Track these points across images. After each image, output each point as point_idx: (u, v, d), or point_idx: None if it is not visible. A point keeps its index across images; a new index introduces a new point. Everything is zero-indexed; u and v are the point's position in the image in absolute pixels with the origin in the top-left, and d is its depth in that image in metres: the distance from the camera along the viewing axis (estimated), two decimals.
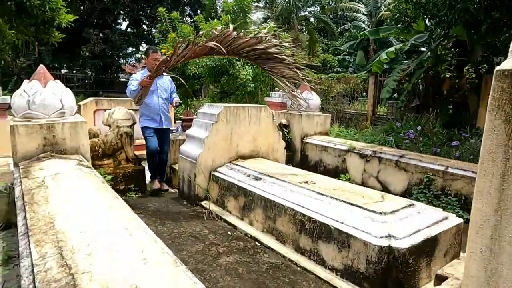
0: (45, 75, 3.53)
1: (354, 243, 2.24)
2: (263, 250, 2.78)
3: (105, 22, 19.19)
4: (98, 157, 3.97)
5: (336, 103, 12.58)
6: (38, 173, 2.86)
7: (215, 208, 3.61)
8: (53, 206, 2.14)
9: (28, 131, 3.24)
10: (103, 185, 2.62)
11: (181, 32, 12.51)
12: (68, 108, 3.57)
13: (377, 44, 17.52)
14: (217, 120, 3.77)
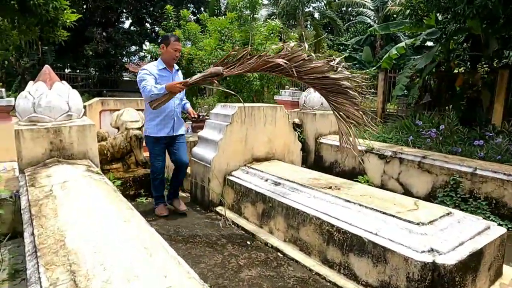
0: (50, 76, 3.35)
1: (392, 258, 2.04)
2: (287, 262, 2.59)
3: (108, 20, 19.02)
4: (106, 161, 3.79)
5: None
6: (45, 180, 2.68)
7: (231, 214, 3.42)
8: (63, 220, 1.95)
9: (33, 136, 3.06)
10: (115, 194, 2.43)
11: (187, 29, 12.33)
12: (75, 110, 3.39)
13: (384, 39, 17.22)
14: (231, 121, 3.57)
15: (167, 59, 3.24)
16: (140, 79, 3.12)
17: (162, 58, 3.27)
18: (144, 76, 3.11)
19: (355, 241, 2.25)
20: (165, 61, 3.26)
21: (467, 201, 3.61)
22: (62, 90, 3.31)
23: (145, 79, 3.08)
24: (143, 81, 3.07)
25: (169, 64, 3.28)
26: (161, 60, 3.28)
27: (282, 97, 7.15)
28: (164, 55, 3.25)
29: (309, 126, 5.36)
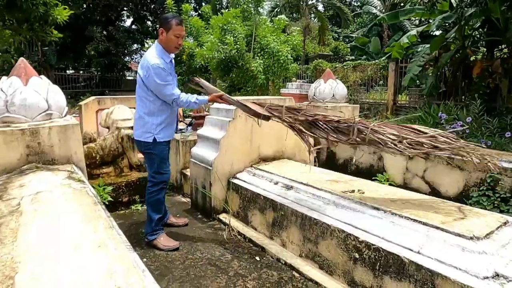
0: (26, 71, 2.92)
1: (444, 285, 1.59)
2: (305, 284, 2.15)
3: (108, 19, 18.68)
4: (96, 165, 3.38)
5: (352, 92, 11.85)
6: (16, 191, 2.26)
7: (237, 223, 2.98)
8: (21, 247, 1.53)
9: (6, 139, 2.63)
10: (94, 208, 2.00)
11: (190, 24, 11.91)
12: (56, 108, 2.97)
13: (391, 29, 16.61)
14: (234, 116, 3.13)
15: (168, 46, 2.55)
16: (163, 82, 2.49)
17: (162, 45, 2.56)
18: (165, 77, 2.49)
19: (392, 261, 1.80)
20: (167, 49, 2.57)
21: (508, 201, 3.14)
22: (40, 86, 2.89)
23: (169, 83, 2.53)
24: (168, 86, 2.52)
25: (171, 52, 2.63)
26: (162, 49, 2.56)
27: (289, 90, 6.69)
28: (164, 42, 2.54)
29: None
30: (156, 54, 2.52)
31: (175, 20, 2.52)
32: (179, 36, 2.53)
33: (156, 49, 2.55)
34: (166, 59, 2.55)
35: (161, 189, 2.72)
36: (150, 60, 2.47)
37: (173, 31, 2.49)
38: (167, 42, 2.54)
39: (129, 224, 3.14)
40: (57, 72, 18.40)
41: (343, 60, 17.54)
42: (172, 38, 2.51)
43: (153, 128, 2.62)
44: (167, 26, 2.50)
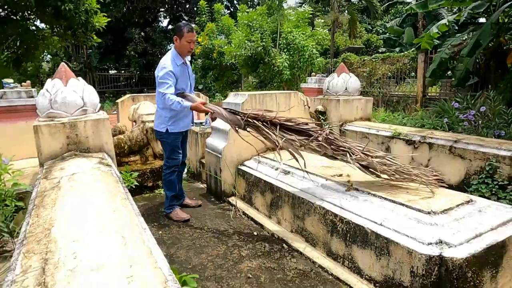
0: (66, 73, 3.47)
1: (395, 250, 1.85)
2: (291, 254, 2.47)
3: (146, 21, 19.72)
4: (124, 154, 3.89)
5: (381, 85, 11.73)
6: (57, 173, 2.78)
7: (242, 205, 3.35)
8: (58, 210, 2.00)
9: (51, 131, 3.19)
10: (115, 186, 2.45)
11: (221, 23, 12.41)
12: (91, 105, 3.49)
13: (427, 19, 16.04)
14: (241, 110, 3.48)
15: (181, 51, 2.99)
16: (162, 80, 2.89)
17: (177, 50, 2.99)
18: (166, 77, 2.88)
19: (358, 232, 2.08)
20: (180, 53, 3.00)
21: (505, 189, 3.21)
22: (77, 86, 3.42)
23: (167, 83, 2.89)
24: (165, 84, 2.89)
25: (184, 56, 3.05)
26: (177, 53, 3.00)
27: (308, 85, 6.91)
28: (178, 48, 2.98)
29: (333, 113, 5.10)
30: (169, 57, 2.97)
31: (186, 27, 2.94)
32: (191, 41, 2.96)
33: (171, 54, 3.00)
34: (177, 62, 2.98)
35: (172, 172, 3.19)
36: (162, 62, 2.92)
37: (185, 37, 2.92)
38: (180, 47, 2.97)
39: (152, 205, 3.62)
40: (100, 72, 19.80)
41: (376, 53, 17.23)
42: (184, 44, 2.95)
43: (166, 120, 3.07)
44: (180, 33, 2.93)
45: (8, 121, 4.39)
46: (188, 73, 3.15)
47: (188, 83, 3.15)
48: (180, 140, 3.24)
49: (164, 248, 2.63)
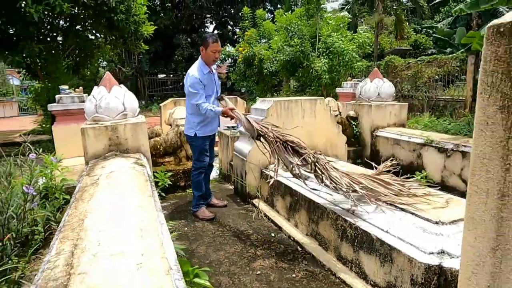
0: (110, 81, 3.86)
1: (397, 258, 1.87)
2: (303, 256, 2.56)
3: (192, 27, 20.61)
4: (160, 155, 4.21)
5: (427, 89, 11.20)
6: (98, 171, 3.13)
7: (265, 207, 3.49)
8: (93, 203, 2.29)
9: (95, 133, 3.58)
10: (145, 184, 2.72)
11: (263, 28, 12.66)
12: (130, 110, 3.85)
13: (483, 17, 14.96)
14: (266, 115, 3.63)
15: (207, 61, 3.21)
16: (193, 90, 3.14)
17: (203, 59, 3.22)
18: (197, 87, 3.13)
19: (365, 238, 2.12)
20: (206, 63, 3.22)
21: None
22: (119, 93, 3.79)
23: (197, 93, 3.14)
24: (197, 94, 3.14)
25: (210, 65, 3.26)
26: (203, 62, 3.23)
27: (343, 89, 6.86)
28: (204, 58, 3.20)
29: (365, 118, 5.06)
30: (197, 67, 3.20)
31: (211, 38, 3.17)
32: (215, 51, 3.18)
33: (198, 63, 3.24)
34: (204, 71, 3.21)
35: (200, 173, 3.42)
36: (190, 71, 3.15)
37: (210, 48, 3.15)
38: (206, 57, 3.20)
39: (182, 203, 3.89)
40: (150, 77, 21.01)
41: (425, 55, 16.41)
42: (210, 54, 3.18)
43: (194, 125, 3.32)
44: (206, 44, 3.16)
45: (63, 123, 4.94)
46: (214, 80, 3.37)
47: (214, 89, 3.37)
48: (208, 144, 3.47)
49: (187, 243, 2.85)
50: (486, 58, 0.65)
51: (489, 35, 0.63)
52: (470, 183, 0.79)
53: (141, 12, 7.63)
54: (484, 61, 0.66)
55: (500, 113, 0.64)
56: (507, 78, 0.60)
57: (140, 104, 19.80)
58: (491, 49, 0.62)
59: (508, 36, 0.59)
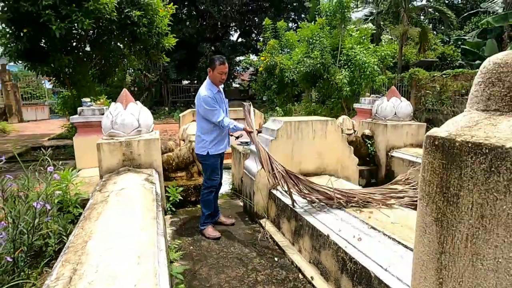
0: (126, 98, 4.00)
1: None
2: (303, 285, 2.54)
3: (216, 36, 20.97)
4: (172, 170, 4.30)
5: (453, 103, 10.83)
6: (110, 187, 3.23)
7: (271, 228, 3.48)
8: (99, 224, 2.37)
9: (110, 148, 3.71)
10: (152, 204, 2.79)
11: (285, 39, 12.72)
12: (145, 126, 3.96)
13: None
14: (276, 136, 3.64)
15: (214, 81, 3.32)
16: (210, 108, 3.23)
17: (211, 80, 3.34)
18: (212, 104, 3.23)
19: (364, 274, 2.08)
20: (213, 83, 3.33)
21: None
22: (134, 109, 3.92)
23: (216, 108, 3.25)
24: (215, 111, 3.24)
25: (218, 85, 3.37)
26: (211, 83, 3.34)
27: (361, 105, 6.76)
28: (211, 78, 3.32)
29: (380, 137, 4.96)
30: (206, 87, 3.29)
31: (218, 61, 3.26)
32: (222, 73, 3.27)
33: (206, 83, 3.34)
34: (213, 90, 3.30)
35: (210, 192, 3.46)
36: (201, 92, 3.23)
37: (217, 69, 3.25)
38: (213, 78, 3.31)
39: (191, 219, 3.94)
40: (174, 84, 21.49)
41: (452, 67, 15.88)
42: (216, 75, 3.27)
43: (206, 144, 3.38)
44: (213, 66, 3.26)
45: (84, 135, 5.14)
46: (223, 99, 3.47)
47: (224, 108, 3.44)
48: (219, 162, 3.52)
49: (191, 263, 2.88)
50: (424, 166, 0.64)
51: (427, 144, 0.62)
52: (411, 286, 0.77)
53: (163, 24, 7.85)
54: (423, 169, 0.65)
55: (435, 225, 0.63)
56: (441, 192, 0.59)
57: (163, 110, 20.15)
58: (428, 159, 0.61)
59: (441, 151, 0.58)
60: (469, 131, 0.59)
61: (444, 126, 0.62)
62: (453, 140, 0.57)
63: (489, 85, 0.63)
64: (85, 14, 6.21)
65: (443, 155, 0.58)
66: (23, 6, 5.88)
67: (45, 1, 5.85)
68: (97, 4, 6.24)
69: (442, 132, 0.60)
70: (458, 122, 0.65)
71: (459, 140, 0.58)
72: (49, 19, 5.93)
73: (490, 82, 0.62)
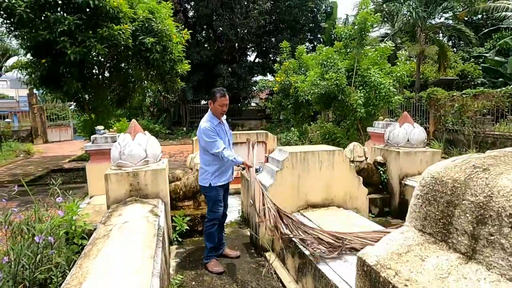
0: (135, 129, 4.07)
1: None
2: None
3: (233, 58, 21.37)
4: (179, 199, 4.30)
5: (474, 123, 10.47)
6: (114, 219, 3.25)
7: (276, 263, 3.38)
8: (97, 262, 2.36)
9: (118, 179, 3.75)
10: (152, 239, 2.76)
11: (301, 60, 12.80)
12: (152, 156, 4.00)
13: None
14: (281, 167, 3.59)
15: (215, 113, 3.34)
16: (210, 139, 3.23)
17: (212, 112, 3.36)
18: (211, 135, 3.23)
19: None
20: (215, 115, 3.36)
21: None
22: (142, 140, 3.98)
23: (216, 140, 3.23)
24: (215, 142, 3.23)
25: (219, 117, 3.38)
26: (212, 115, 3.36)
27: (374, 129, 6.62)
28: (213, 110, 3.35)
29: (393, 165, 4.81)
30: (206, 119, 3.34)
31: (219, 93, 3.30)
32: (223, 105, 3.31)
33: (208, 115, 3.38)
34: (214, 122, 3.32)
35: (213, 225, 3.41)
36: (201, 124, 3.27)
37: (217, 102, 3.29)
38: (214, 110, 3.34)
39: (196, 250, 3.90)
40: (192, 104, 21.91)
41: (473, 85, 15.47)
42: (217, 107, 3.31)
43: (208, 175, 3.36)
44: (214, 98, 3.31)
45: (97, 162, 5.25)
46: (225, 131, 3.46)
47: (226, 140, 3.41)
48: (222, 194, 3.48)
49: None
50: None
51: (358, 266, 0.56)
52: None
53: (177, 51, 8.06)
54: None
55: None
56: None
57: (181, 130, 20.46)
58: (359, 284, 0.55)
59: (369, 280, 0.52)
60: (396, 262, 0.54)
61: (379, 244, 0.56)
62: (378, 273, 0.52)
63: (426, 202, 0.58)
64: (99, 40, 6.47)
65: (371, 285, 0.53)
66: (41, 34, 6.20)
67: (60, 28, 6.15)
68: (111, 30, 6.49)
69: (371, 257, 0.55)
70: (392, 242, 0.59)
71: (383, 275, 0.53)
72: (65, 45, 6.21)
73: (427, 199, 0.57)
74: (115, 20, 6.78)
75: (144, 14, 7.23)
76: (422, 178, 0.66)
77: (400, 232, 0.63)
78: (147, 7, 7.41)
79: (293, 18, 20.63)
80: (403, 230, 0.63)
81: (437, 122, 11.65)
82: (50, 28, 6.25)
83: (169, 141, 17.06)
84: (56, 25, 6.23)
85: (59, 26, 6.19)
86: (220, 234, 3.65)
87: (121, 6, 6.74)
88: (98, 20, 6.76)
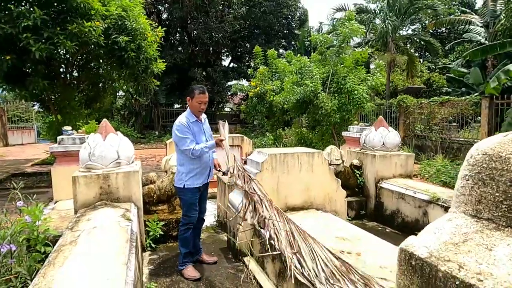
0: (106, 129, 3.85)
1: None
2: None
3: (208, 61, 21.17)
4: (153, 203, 4.10)
5: (441, 130, 10.91)
6: (83, 224, 3.02)
7: (255, 267, 3.28)
8: (63, 271, 2.16)
9: (87, 181, 3.52)
10: (125, 245, 2.58)
11: (275, 66, 12.85)
12: (124, 158, 3.80)
13: (498, 57, 14.81)
14: (261, 169, 3.51)
15: (193, 111, 3.22)
16: (181, 135, 3.10)
17: (190, 109, 3.24)
18: (184, 131, 3.11)
19: None
20: (193, 113, 3.24)
21: None
22: (114, 141, 3.77)
23: (187, 137, 3.10)
24: (186, 139, 3.09)
25: (197, 115, 3.26)
26: (190, 112, 3.25)
27: (349, 133, 6.71)
28: (190, 108, 3.23)
29: (369, 168, 4.87)
30: (184, 115, 3.22)
31: (197, 90, 3.18)
32: (201, 102, 3.18)
33: (186, 113, 3.26)
34: (191, 119, 3.20)
35: (187, 229, 3.26)
36: (177, 120, 3.15)
37: (195, 98, 3.16)
38: (192, 107, 3.21)
39: (171, 256, 3.72)
40: (165, 108, 21.43)
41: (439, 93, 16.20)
42: (195, 104, 3.18)
43: (183, 176, 3.22)
44: (192, 94, 3.17)
45: (64, 164, 4.94)
46: (203, 129, 3.32)
47: (204, 139, 3.28)
48: (197, 197, 3.33)
49: None
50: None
51: (401, 260, 0.51)
52: None
53: (152, 50, 7.84)
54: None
55: None
56: None
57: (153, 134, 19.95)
58: (404, 282, 0.49)
59: (420, 276, 0.46)
60: (455, 253, 0.48)
61: (424, 234, 0.50)
62: (435, 267, 0.46)
63: (479, 183, 0.52)
64: (69, 37, 6.13)
65: (422, 282, 0.46)
66: (2, 28, 5.78)
67: (24, 23, 5.75)
68: (81, 27, 6.18)
69: (420, 248, 0.48)
70: (442, 231, 0.53)
71: (443, 270, 0.46)
72: (28, 42, 5.82)
73: (480, 180, 0.51)
74: (86, 16, 6.47)
75: (117, 11, 6.96)
76: (469, 156, 0.60)
77: (448, 219, 0.56)
78: (120, 4, 7.15)
79: (267, 24, 20.79)
80: (451, 217, 0.57)
81: (407, 129, 12.05)
82: (14, 22, 5.85)
83: (141, 145, 16.57)
84: (19, 19, 5.84)
85: (22, 20, 5.80)
86: (197, 240, 3.50)
87: (93, 3, 6.45)
88: (67, 16, 6.43)
